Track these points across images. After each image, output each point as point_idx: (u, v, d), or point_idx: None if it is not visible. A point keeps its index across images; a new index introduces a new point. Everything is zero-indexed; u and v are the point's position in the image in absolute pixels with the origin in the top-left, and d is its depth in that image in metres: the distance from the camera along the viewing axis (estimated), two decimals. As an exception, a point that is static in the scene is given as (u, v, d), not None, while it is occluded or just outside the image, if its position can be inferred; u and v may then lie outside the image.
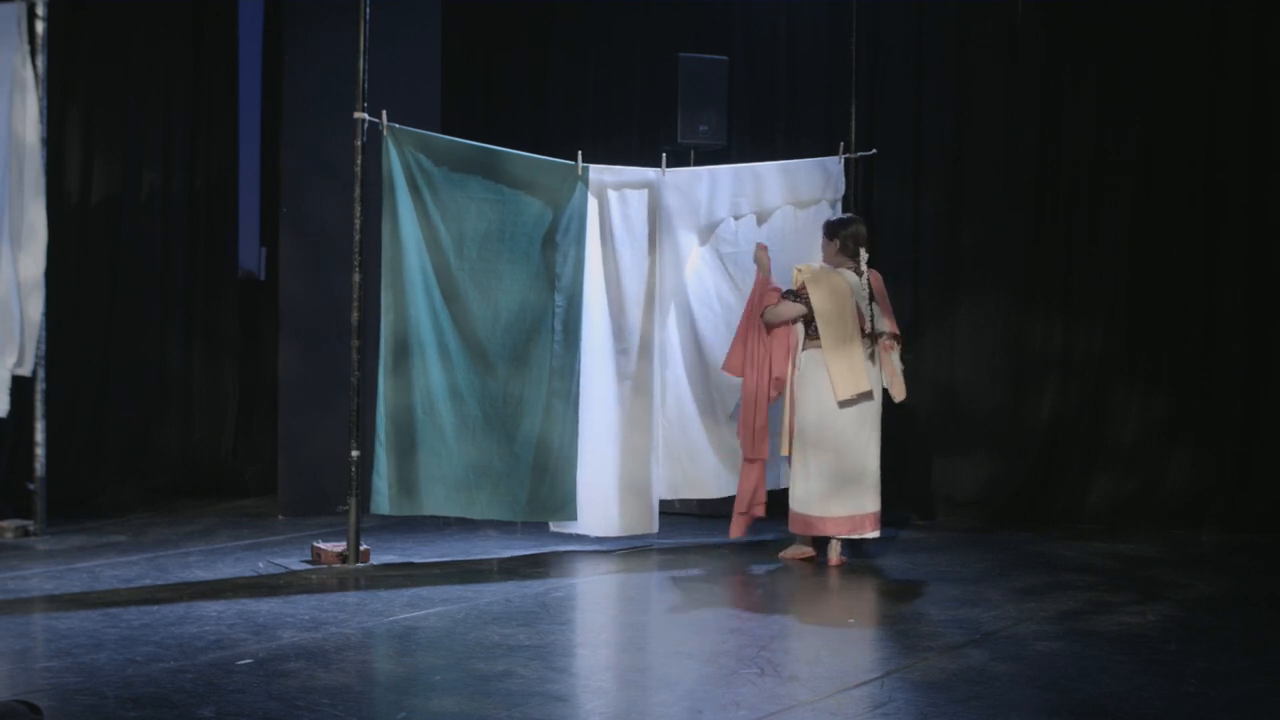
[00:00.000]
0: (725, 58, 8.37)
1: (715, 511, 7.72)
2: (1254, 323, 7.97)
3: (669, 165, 7.34)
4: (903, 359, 6.84)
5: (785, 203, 7.43)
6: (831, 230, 6.88)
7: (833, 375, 6.61)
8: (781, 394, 6.84)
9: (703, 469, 7.34)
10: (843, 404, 6.62)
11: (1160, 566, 6.77)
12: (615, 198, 7.19)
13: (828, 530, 6.69)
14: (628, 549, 7.12)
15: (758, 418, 6.84)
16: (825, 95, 8.72)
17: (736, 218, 7.39)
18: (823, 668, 4.76)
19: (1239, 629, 5.47)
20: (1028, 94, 8.41)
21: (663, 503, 7.36)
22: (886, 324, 6.75)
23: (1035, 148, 8.39)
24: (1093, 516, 8.09)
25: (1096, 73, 8.31)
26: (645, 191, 7.26)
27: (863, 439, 6.68)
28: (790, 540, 6.90)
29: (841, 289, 6.68)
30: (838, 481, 6.66)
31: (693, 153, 8.11)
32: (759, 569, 6.69)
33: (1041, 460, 8.32)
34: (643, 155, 7.98)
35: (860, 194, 7.91)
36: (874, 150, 7.90)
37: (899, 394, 6.78)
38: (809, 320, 6.72)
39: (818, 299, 6.66)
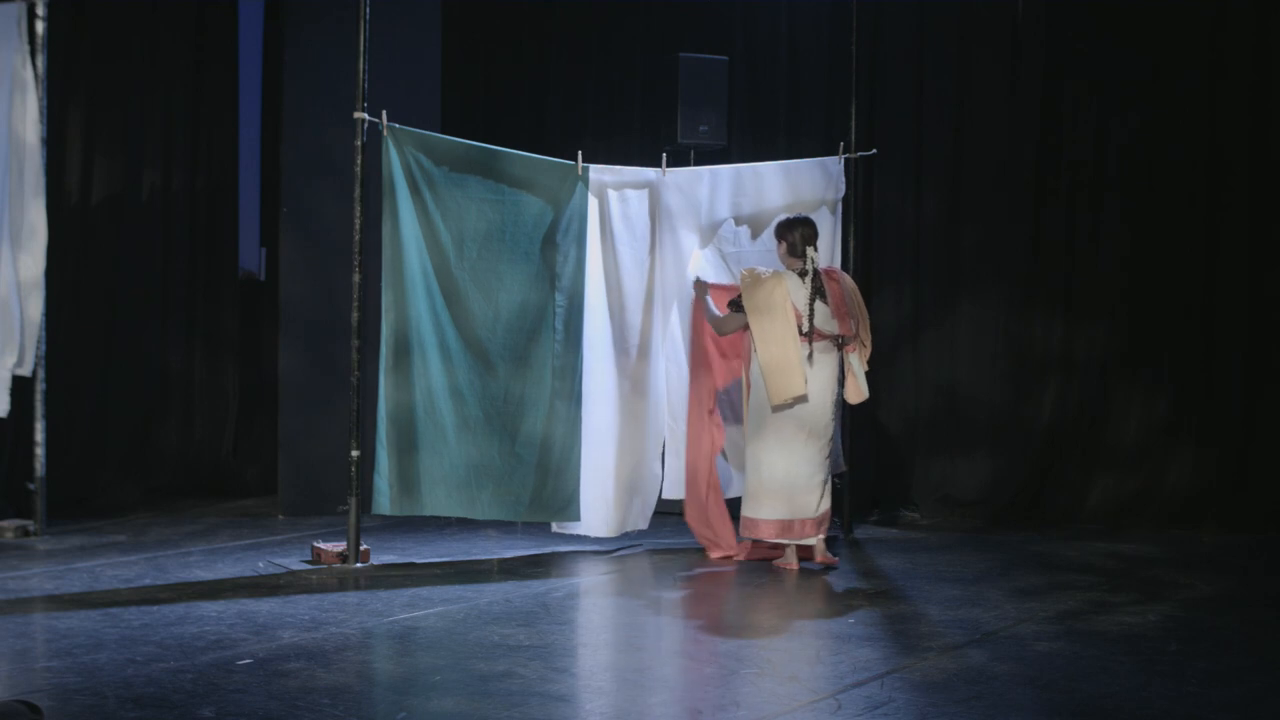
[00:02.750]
0: (725, 58, 8.37)
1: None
2: (1254, 323, 7.97)
3: (669, 165, 7.34)
4: (869, 361, 6.78)
5: (786, 203, 7.42)
6: (779, 232, 6.80)
7: (766, 382, 6.55)
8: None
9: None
10: (776, 409, 6.55)
11: (1161, 566, 6.77)
12: (615, 198, 7.19)
13: (813, 530, 6.63)
14: (628, 549, 7.13)
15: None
16: (825, 95, 8.73)
17: (737, 218, 7.38)
18: (823, 668, 4.76)
19: (1239, 629, 5.47)
20: (1028, 94, 8.42)
21: (664, 502, 7.36)
22: (835, 326, 6.62)
23: (1035, 147, 8.40)
24: (1093, 516, 8.09)
25: (1097, 73, 8.31)
26: (645, 192, 7.25)
27: (829, 432, 6.68)
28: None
29: (778, 291, 6.57)
30: (820, 475, 6.64)
31: (693, 153, 8.11)
32: (758, 569, 6.68)
33: (1041, 460, 8.32)
34: (643, 155, 7.98)
35: (860, 194, 7.90)
36: (874, 150, 7.90)
37: (854, 397, 6.75)
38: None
39: (750, 304, 6.60)
